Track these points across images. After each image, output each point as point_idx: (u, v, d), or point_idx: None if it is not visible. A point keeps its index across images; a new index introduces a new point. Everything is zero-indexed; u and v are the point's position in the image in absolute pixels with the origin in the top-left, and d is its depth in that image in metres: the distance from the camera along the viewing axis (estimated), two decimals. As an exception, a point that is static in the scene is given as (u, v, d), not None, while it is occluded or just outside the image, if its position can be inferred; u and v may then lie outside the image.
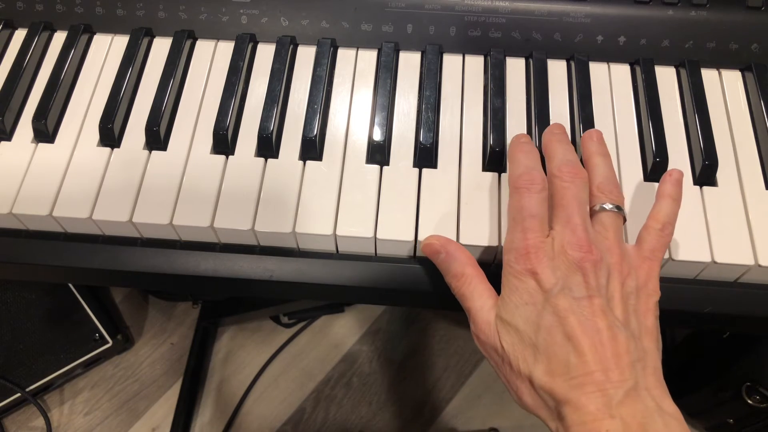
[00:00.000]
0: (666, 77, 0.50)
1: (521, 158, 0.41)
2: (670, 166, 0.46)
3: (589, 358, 0.34)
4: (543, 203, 0.39)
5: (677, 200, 0.41)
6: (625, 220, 0.41)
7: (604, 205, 0.39)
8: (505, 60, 0.50)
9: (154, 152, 0.47)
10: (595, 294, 0.35)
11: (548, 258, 0.37)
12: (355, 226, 0.44)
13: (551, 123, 0.47)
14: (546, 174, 0.41)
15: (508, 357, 0.37)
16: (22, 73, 0.50)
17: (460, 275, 0.40)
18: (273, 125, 0.47)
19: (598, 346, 0.34)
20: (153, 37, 0.53)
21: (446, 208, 0.44)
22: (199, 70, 0.51)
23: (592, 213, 0.40)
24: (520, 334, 0.36)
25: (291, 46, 0.51)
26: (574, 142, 0.48)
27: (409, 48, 0.51)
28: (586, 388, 0.33)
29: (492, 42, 0.51)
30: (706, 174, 0.46)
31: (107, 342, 0.97)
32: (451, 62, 0.51)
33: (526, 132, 0.48)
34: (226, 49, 0.52)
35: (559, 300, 0.35)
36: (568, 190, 0.39)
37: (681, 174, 0.42)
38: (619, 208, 0.40)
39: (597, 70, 0.50)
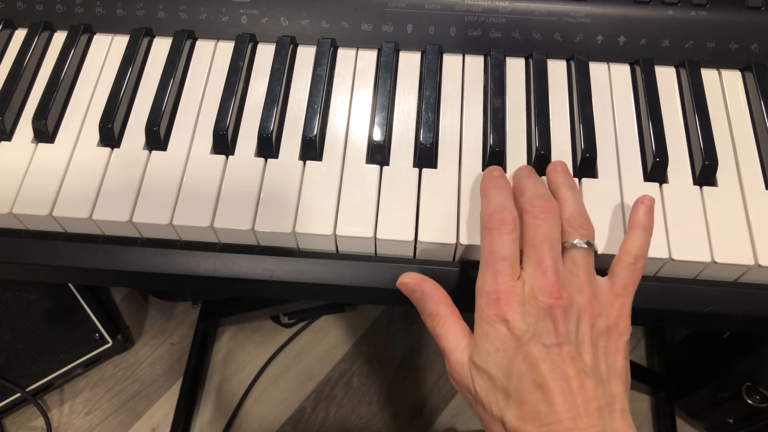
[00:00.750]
0: (666, 77, 0.50)
1: (493, 195, 0.41)
2: (670, 166, 0.46)
3: (558, 407, 0.34)
4: (514, 244, 0.38)
5: (649, 230, 0.41)
6: (596, 254, 0.40)
7: (575, 242, 0.39)
8: (505, 60, 0.50)
9: (154, 152, 0.47)
10: (565, 341, 0.36)
11: (519, 303, 0.37)
12: (355, 226, 0.44)
13: (550, 122, 0.47)
14: (518, 208, 0.40)
15: (480, 399, 0.37)
16: (22, 73, 0.50)
17: (434, 315, 0.40)
18: (273, 125, 0.47)
19: (567, 393, 0.35)
20: (153, 37, 0.53)
21: (446, 207, 0.44)
22: (199, 70, 0.51)
23: (563, 249, 0.39)
24: (492, 379, 0.37)
25: (291, 46, 0.51)
26: (573, 142, 0.48)
27: (409, 48, 0.51)
28: None
29: (492, 42, 0.51)
30: (706, 174, 0.46)
31: (107, 342, 0.97)
32: (451, 62, 0.51)
33: (525, 132, 0.48)
34: (226, 49, 0.52)
35: (530, 347, 0.36)
36: (540, 227, 0.38)
37: (653, 201, 0.42)
38: (590, 244, 0.39)
39: (597, 70, 0.50)
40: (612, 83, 0.50)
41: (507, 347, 0.36)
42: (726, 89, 0.50)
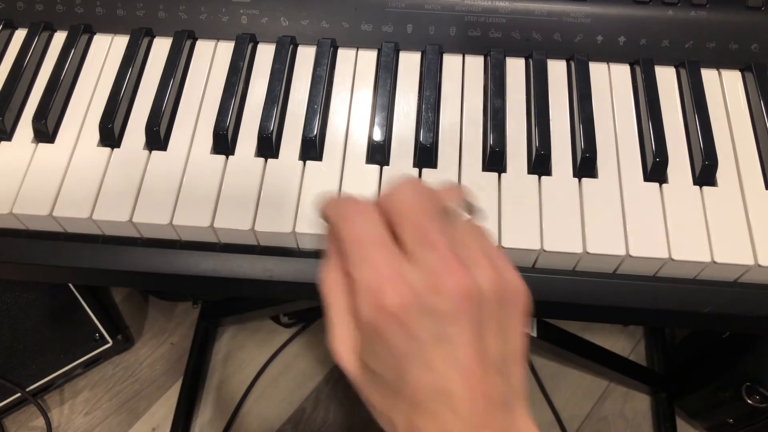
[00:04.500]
0: (666, 77, 0.50)
1: (337, 202, 0.32)
2: (670, 166, 0.46)
3: (464, 411, 0.28)
4: (383, 226, 0.31)
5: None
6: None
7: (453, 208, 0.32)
8: (505, 60, 0.50)
9: (154, 152, 0.47)
10: (470, 336, 0.29)
11: (414, 296, 0.29)
12: (355, 226, 0.43)
13: (550, 122, 0.47)
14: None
15: (373, 404, 0.33)
16: (22, 73, 0.50)
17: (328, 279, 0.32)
18: (273, 125, 0.47)
19: (475, 397, 0.28)
20: (153, 37, 0.53)
21: (446, 208, 0.44)
22: (199, 70, 0.51)
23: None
24: (385, 385, 0.31)
25: (291, 46, 0.51)
26: (573, 142, 0.48)
27: (409, 48, 0.51)
28: None
29: (492, 42, 0.51)
30: (706, 174, 0.46)
31: (107, 342, 0.97)
32: (451, 62, 0.51)
33: (525, 132, 0.48)
34: (226, 49, 0.52)
35: (433, 348, 0.29)
36: (405, 198, 0.31)
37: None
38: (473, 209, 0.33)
39: (597, 70, 0.50)
40: (612, 83, 0.50)
41: (401, 350, 0.29)
42: (726, 89, 0.50)
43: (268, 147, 0.47)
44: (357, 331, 0.31)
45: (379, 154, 0.46)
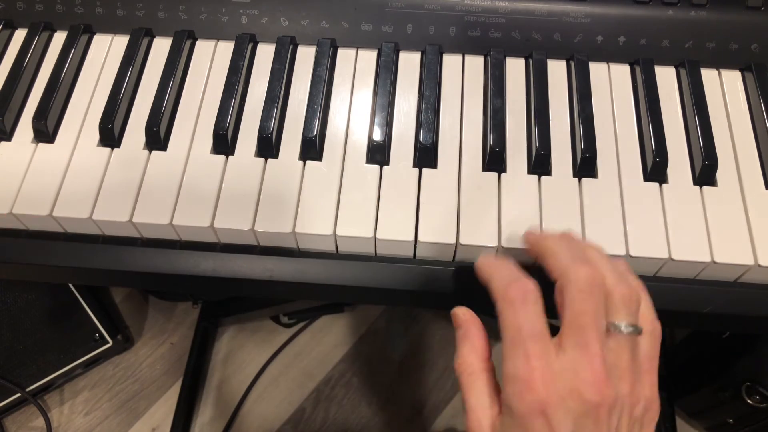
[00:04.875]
0: (666, 77, 0.50)
1: (502, 267, 0.36)
2: (670, 166, 0.46)
3: None
4: (542, 316, 0.33)
5: (646, 291, 0.37)
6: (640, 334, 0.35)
7: (622, 327, 0.33)
8: (505, 60, 0.50)
9: (154, 152, 0.47)
10: None
11: (559, 396, 0.31)
12: (354, 226, 0.44)
13: (550, 122, 0.47)
14: (554, 271, 0.35)
15: None
16: (22, 73, 0.50)
17: (464, 362, 0.36)
18: (273, 125, 0.47)
19: None
20: (153, 37, 0.53)
21: (446, 208, 0.44)
22: (199, 70, 0.51)
23: (607, 329, 0.33)
24: None
25: (291, 46, 0.51)
26: (573, 142, 0.48)
27: (409, 48, 0.51)
28: None
29: (492, 42, 0.51)
30: (705, 174, 0.46)
31: (107, 342, 0.97)
32: (451, 62, 0.51)
33: (525, 132, 0.48)
34: (226, 49, 0.52)
35: None
36: (587, 304, 0.32)
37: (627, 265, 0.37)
38: (636, 328, 0.34)
39: (597, 70, 0.50)
40: (612, 83, 0.50)
41: None
42: (726, 89, 0.50)
43: (268, 147, 0.47)
44: (495, 416, 0.34)
45: (379, 154, 0.46)
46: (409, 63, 0.51)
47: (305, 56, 0.51)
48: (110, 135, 0.47)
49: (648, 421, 0.35)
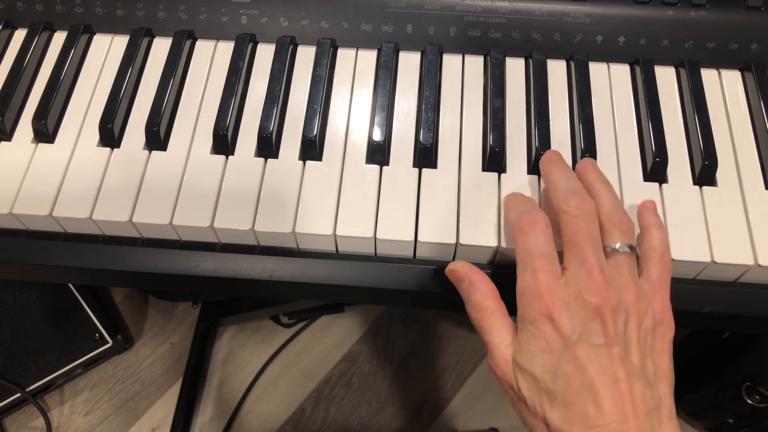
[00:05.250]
0: (666, 77, 0.50)
1: (517, 200, 0.42)
2: (669, 166, 0.46)
3: (607, 409, 0.34)
4: (550, 240, 0.38)
5: (662, 227, 0.41)
6: (638, 256, 0.39)
7: (617, 247, 0.38)
8: (504, 60, 0.50)
9: (154, 152, 0.47)
10: (614, 341, 0.35)
11: (564, 302, 0.35)
12: (354, 226, 0.44)
13: (550, 122, 0.47)
14: (553, 206, 0.40)
15: (524, 398, 0.36)
16: (22, 73, 0.50)
17: (480, 307, 0.39)
18: (273, 125, 0.47)
19: (616, 396, 0.34)
20: (153, 37, 0.53)
21: (446, 208, 0.44)
22: (199, 70, 0.51)
23: (605, 251, 0.38)
24: (537, 381, 0.35)
25: (291, 46, 0.51)
26: (573, 142, 0.48)
27: (409, 48, 0.51)
28: None
29: (492, 42, 0.51)
30: (705, 174, 0.46)
31: (107, 342, 0.97)
32: (451, 62, 0.51)
33: (525, 132, 0.48)
34: (226, 49, 0.52)
35: (578, 348, 0.35)
36: (579, 226, 0.37)
37: (654, 203, 0.42)
38: (632, 247, 0.38)
39: (597, 70, 0.50)
40: (612, 83, 0.50)
41: (553, 348, 0.35)
42: (726, 89, 0.50)
43: (267, 147, 0.47)
44: (513, 342, 0.38)
45: (379, 154, 0.46)
46: (409, 63, 0.51)
47: (305, 56, 0.51)
48: (110, 135, 0.47)
49: (660, 335, 0.38)
